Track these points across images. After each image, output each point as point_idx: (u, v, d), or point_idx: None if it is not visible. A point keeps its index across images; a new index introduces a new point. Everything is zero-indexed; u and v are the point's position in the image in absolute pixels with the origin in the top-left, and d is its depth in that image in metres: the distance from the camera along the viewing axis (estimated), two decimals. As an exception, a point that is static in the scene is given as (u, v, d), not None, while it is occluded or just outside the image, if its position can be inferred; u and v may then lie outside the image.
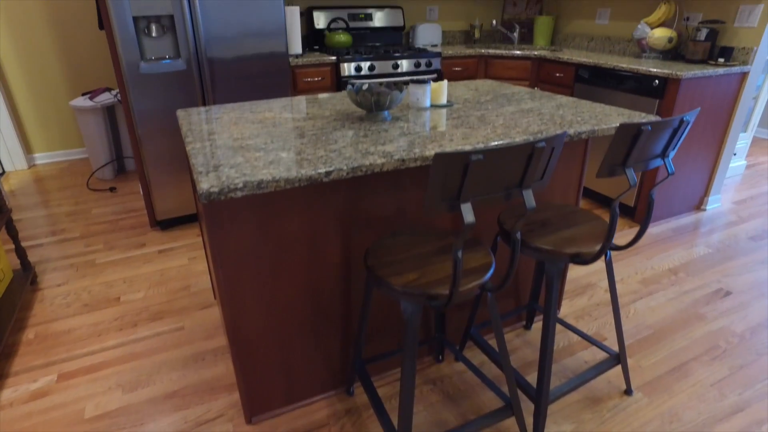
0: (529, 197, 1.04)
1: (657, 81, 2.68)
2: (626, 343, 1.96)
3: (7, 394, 1.75)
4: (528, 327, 2.07)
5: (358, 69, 3.09)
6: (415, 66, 3.25)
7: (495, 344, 1.92)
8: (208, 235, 1.24)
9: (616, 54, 3.43)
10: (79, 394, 1.74)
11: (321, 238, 1.42)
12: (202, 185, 1.01)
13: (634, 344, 1.95)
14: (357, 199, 1.43)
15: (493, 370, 1.82)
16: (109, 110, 3.78)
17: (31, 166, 4.19)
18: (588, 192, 3.33)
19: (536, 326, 2.08)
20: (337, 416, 1.62)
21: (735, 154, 3.76)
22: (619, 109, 1.65)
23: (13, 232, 2.30)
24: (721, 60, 2.85)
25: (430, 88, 1.62)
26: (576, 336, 2.00)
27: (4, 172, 4.05)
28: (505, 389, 1.73)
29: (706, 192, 3.17)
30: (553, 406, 1.67)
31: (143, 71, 2.59)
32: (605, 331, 2.04)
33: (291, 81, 3.02)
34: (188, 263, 2.60)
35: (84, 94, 3.78)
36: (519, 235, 1.16)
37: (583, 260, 1.39)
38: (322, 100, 1.86)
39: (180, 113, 1.70)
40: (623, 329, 2.04)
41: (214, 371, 1.84)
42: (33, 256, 2.70)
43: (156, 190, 2.85)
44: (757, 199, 3.37)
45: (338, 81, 3.11)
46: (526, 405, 1.65)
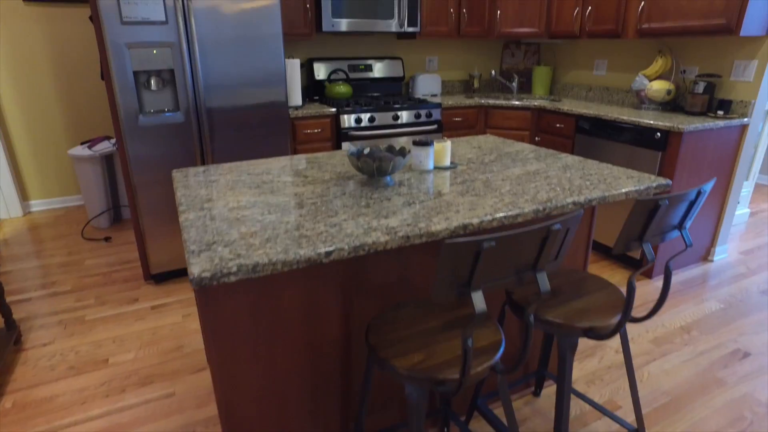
0: (544, 280, 0.98)
1: (659, 134, 2.67)
2: (642, 412, 1.85)
3: (-21, 474, 1.63)
4: (537, 394, 1.96)
5: (358, 121, 3.09)
6: (415, 117, 3.26)
7: (503, 415, 1.81)
8: (200, 312, 1.16)
9: (615, 104, 3.45)
10: (57, 476, 1.61)
11: (320, 309, 1.35)
12: (194, 269, 0.94)
13: (651, 413, 1.84)
14: (359, 269, 1.36)
15: (502, 445, 1.70)
16: (108, 159, 3.76)
17: (27, 213, 4.13)
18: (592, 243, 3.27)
19: (546, 392, 1.97)
20: (336, 502, 1.49)
21: (738, 202, 3.73)
22: (628, 171, 1.61)
23: (-1, 291, 2.21)
24: (720, 112, 2.85)
25: (434, 150, 1.58)
26: (589, 404, 1.89)
27: (-2, 220, 3.99)
28: (517, 469, 1.60)
29: (712, 242, 3.11)
30: (568, 488, 1.54)
31: (141, 124, 2.57)
32: (619, 397, 1.93)
33: (291, 132, 3.01)
34: (182, 321, 2.50)
35: (83, 143, 3.77)
36: (533, 318, 1.08)
37: (598, 335, 1.31)
38: (322, 160, 1.82)
39: (176, 175, 1.65)
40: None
41: (204, 447, 1.72)
42: (20, 312, 2.60)
43: (151, 242, 2.78)
44: (765, 248, 3.31)
45: (338, 132, 3.10)
46: (540, 488, 1.53)
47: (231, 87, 2.71)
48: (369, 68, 3.62)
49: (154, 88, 2.59)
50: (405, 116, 3.23)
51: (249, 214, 1.24)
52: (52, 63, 3.90)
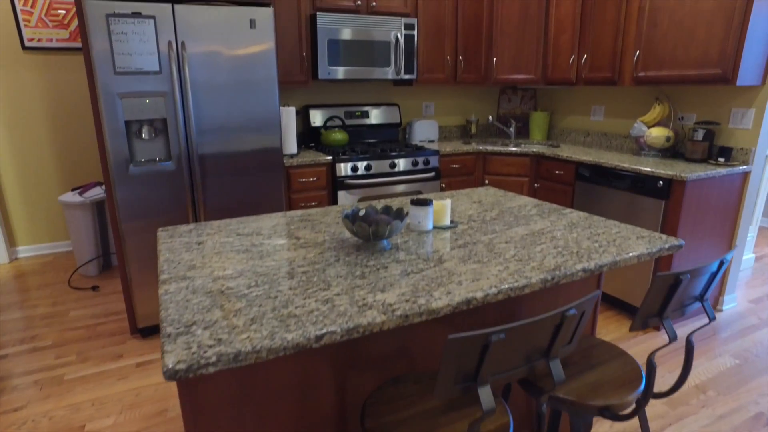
0: (558, 368, 0.88)
1: (661, 182, 2.61)
2: (662, 489, 1.70)
3: None
4: (547, 466, 1.81)
5: (354, 169, 3.04)
6: (412, 165, 3.21)
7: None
8: (180, 400, 1.05)
9: (614, 150, 3.42)
10: None
11: (312, 386, 1.23)
12: (168, 359, 0.84)
13: (672, 490, 1.70)
14: (354, 341, 1.25)
15: None
16: (99, 205, 3.68)
17: (13, 259, 4.02)
18: (596, 291, 3.16)
19: (556, 465, 1.82)
20: None
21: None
22: (637, 230, 1.53)
23: (-28, 353, 2.08)
24: (722, 159, 2.81)
25: (433, 209, 1.51)
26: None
27: (-17, 267, 3.86)
28: None
29: (720, 291, 3.01)
30: None
31: (132, 173, 2.51)
32: (636, 470, 1.78)
33: (285, 180, 2.95)
34: (168, 380, 2.35)
35: (74, 189, 3.70)
36: (545, 408, 0.97)
37: (615, 415, 1.19)
38: (316, 219, 1.74)
39: (161, 234, 1.56)
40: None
41: None
42: (-5, 373, 2.45)
43: (138, 293, 2.67)
44: (774, 297, 3.20)
45: (333, 181, 3.04)
46: None
47: (224, 133, 2.67)
48: (365, 114, 3.61)
49: (146, 137, 2.54)
50: (402, 164, 3.19)
51: (235, 285, 1.14)
52: (47, 109, 3.88)
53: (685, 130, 3.10)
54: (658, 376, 2.35)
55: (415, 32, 3.34)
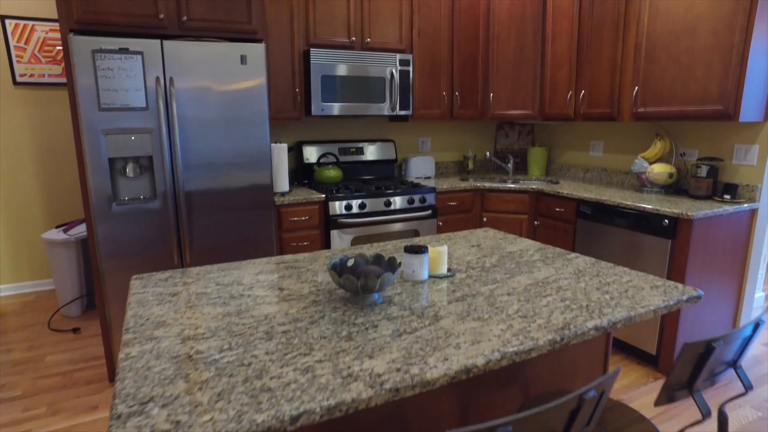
0: (575, 458, 0.74)
1: (667, 220, 2.51)
2: None
3: None
4: None
5: (348, 207, 2.94)
6: (408, 202, 3.11)
7: None
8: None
9: (614, 186, 3.34)
10: None
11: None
12: (111, 452, 0.70)
13: None
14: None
15: None
16: (83, 243, 3.56)
17: (-7, 300, 3.85)
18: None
19: None
20: None
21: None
22: (649, 278, 1.41)
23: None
24: (727, 196, 2.72)
25: (428, 257, 1.39)
26: None
27: (-40, 308, 3.69)
28: None
29: (732, 335, 2.86)
30: None
31: (114, 211, 2.40)
32: None
33: (276, 219, 2.84)
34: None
35: (58, 227, 3.58)
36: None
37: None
38: (302, 266, 1.62)
39: (134, 283, 1.44)
40: None
41: None
42: (-42, 428, 2.27)
43: (118, 336, 2.51)
44: (788, 340, 3.05)
45: (326, 220, 2.93)
46: None
47: (212, 170, 2.57)
48: (360, 151, 3.54)
49: (130, 175, 2.45)
50: (398, 202, 3.09)
51: (205, 349, 1.01)
52: (35, 145, 3.80)
53: (688, 166, 3.02)
54: (673, 427, 2.19)
55: (410, 68, 3.30)
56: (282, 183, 2.93)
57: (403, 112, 3.33)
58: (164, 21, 2.40)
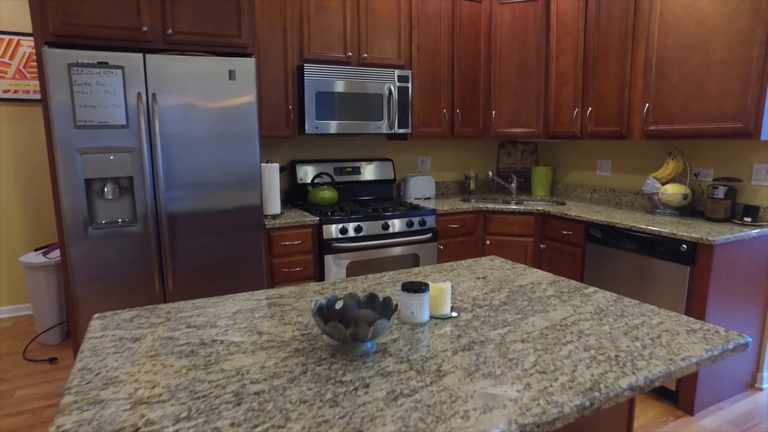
0: None
1: (685, 245, 2.34)
2: None
3: None
4: None
5: (343, 231, 2.76)
6: (407, 225, 2.94)
7: None
8: None
9: (624, 207, 3.17)
10: None
11: None
12: None
13: None
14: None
15: None
16: (65, 267, 3.37)
17: (-30, 326, 3.65)
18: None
19: None
20: None
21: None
22: (682, 319, 1.23)
23: None
24: (748, 219, 2.56)
25: (429, 297, 1.21)
26: None
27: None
28: None
29: (758, 367, 2.67)
30: None
31: (91, 235, 2.22)
32: None
33: (266, 244, 2.67)
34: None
35: (37, 249, 3.40)
36: None
37: None
38: (287, 303, 1.44)
39: (93, 324, 1.26)
40: None
41: None
42: None
43: (92, 377, 2.31)
44: (814, 372, 2.85)
45: (320, 244, 2.76)
46: None
47: (197, 190, 2.41)
48: (357, 170, 3.38)
49: (109, 196, 2.28)
50: (396, 224, 2.92)
51: (158, 419, 0.83)
52: (15, 163, 3.65)
53: (703, 187, 2.86)
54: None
55: (409, 84, 3.17)
56: (273, 205, 2.77)
57: (401, 130, 3.19)
58: (148, 34, 2.27)
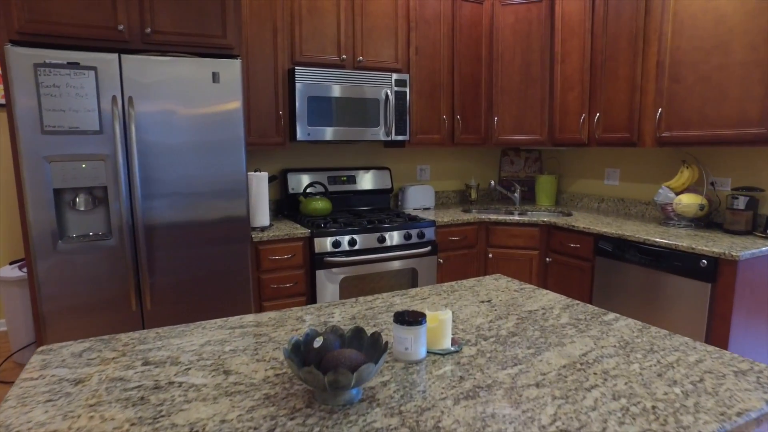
0: None
1: (705, 261, 2.16)
2: None
3: None
4: None
5: (335, 245, 2.58)
6: (405, 238, 2.76)
7: None
8: None
9: (634, 218, 2.99)
10: None
11: None
12: None
13: None
14: None
15: None
16: (44, 281, 3.19)
17: (-57, 343, 3.45)
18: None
19: None
20: None
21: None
22: (723, 355, 1.05)
23: None
24: (770, 232, 2.38)
25: (426, 329, 1.03)
26: None
27: None
28: None
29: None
30: None
31: (60, 249, 2.05)
32: None
33: (254, 258, 2.49)
34: None
35: (13, 263, 3.23)
36: None
37: None
38: (265, 333, 1.26)
39: (34, 360, 1.07)
40: None
41: None
42: None
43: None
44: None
45: (312, 259, 2.57)
46: None
47: (178, 201, 2.23)
48: (352, 180, 3.21)
49: (81, 208, 2.11)
50: (394, 237, 2.74)
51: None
52: (-4, 172, 3.48)
53: (720, 197, 2.69)
54: None
55: (407, 89, 3.00)
56: (261, 216, 2.59)
57: (399, 137, 3.02)
58: (124, 33, 2.10)
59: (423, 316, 1.02)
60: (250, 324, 1.29)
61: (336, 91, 2.80)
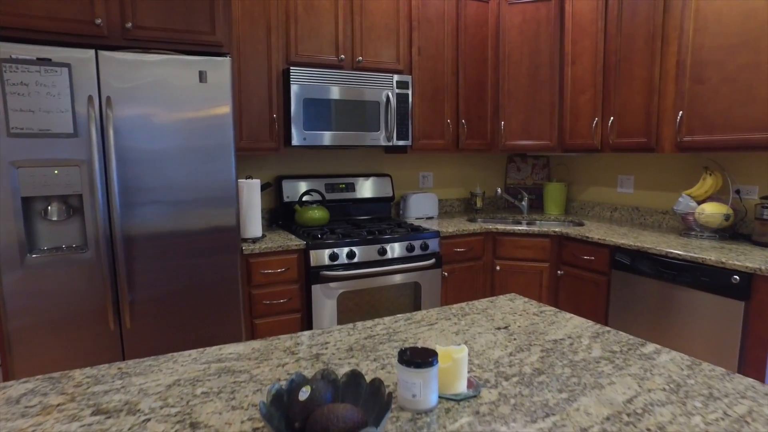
0: None
1: (737, 276, 1.97)
2: None
3: None
4: None
5: (333, 257, 2.40)
6: (407, 250, 2.57)
7: None
8: None
9: (650, 228, 2.81)
10: None
11: None
12: None
13: None
14: None
15: None
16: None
17: None
18: None
19: None
20: None
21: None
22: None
23: None
24: (802, 244, 2.20)
25: (437, 371, 0.85)
26: None
27: None
28: None
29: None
30: None
31: (29, 263, 1.86)
32: None
33: (245, 271, 2.30)
34: None
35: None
36: None
37: None
38: (245, 370, 1.08)
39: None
40: None
41: None
42: None
43: None
44: None
45: (307, 272, 2.39)
46: None
47: (160, 210, 2.05)
48: (350, 187, 3.03)
49: (54, 218, 1.93)
50: (395, 249, 2.55)
51: None
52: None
53: (747, 206, 2.51)
54: None
55: (409, 91, 2.83)
56: (253, 227, 2.41)
57: (401, 143, 2.84)
58: (102, 28, 1.93)
59: (434, 354, 0.84)
60: (230, 357, 1.10)
61: (334, 93, 2.63)
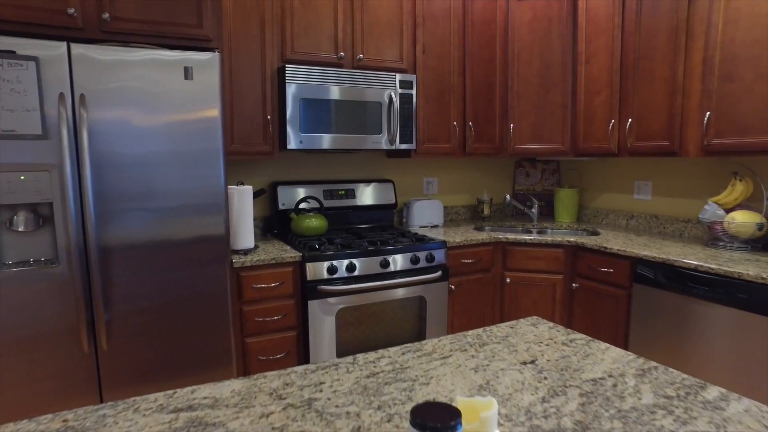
0: None
1: (776, 295, 1.78)
2: None
3: None
4: None
5: (331, 270, 2.20)
6: (411, 262, 2.38)
7: None
8: None
9: (671, 238, 2.62)
10: None
11: None
12: None
13: None
14: None
15: None
16: None
17: None
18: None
19: None
20: None
21: None
22: None
23: None
24: (843, 257, 2.00)
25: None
26: None
27: None
28: None
29: None
30: None
31: (-7, 285, 1.67)
32: None
33: (236, 286, 2.11)
34: None
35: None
36: None
37: None
38: (218, 424, 0.88)
39: None
40: None
41: None
42: None
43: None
44: None
45: (302, 287, 2.20)
46: None
47: (139, 219, 1.87)
48: (350, 194, 2.84)
49: (21, 228, 1.74)
50: (398, 261, 2.36)
51: None
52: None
53: (778, 215, 2.32)
54: None
55: (413, 91, 2.65)
56: (245, 237, 2.22)
57: (404, 146, 2.66)
58: (76, 19, 1.75)
59: (457, 415, 0.65)
60: (203, 404, 0.91)
61: (333, 92, 2.45)
